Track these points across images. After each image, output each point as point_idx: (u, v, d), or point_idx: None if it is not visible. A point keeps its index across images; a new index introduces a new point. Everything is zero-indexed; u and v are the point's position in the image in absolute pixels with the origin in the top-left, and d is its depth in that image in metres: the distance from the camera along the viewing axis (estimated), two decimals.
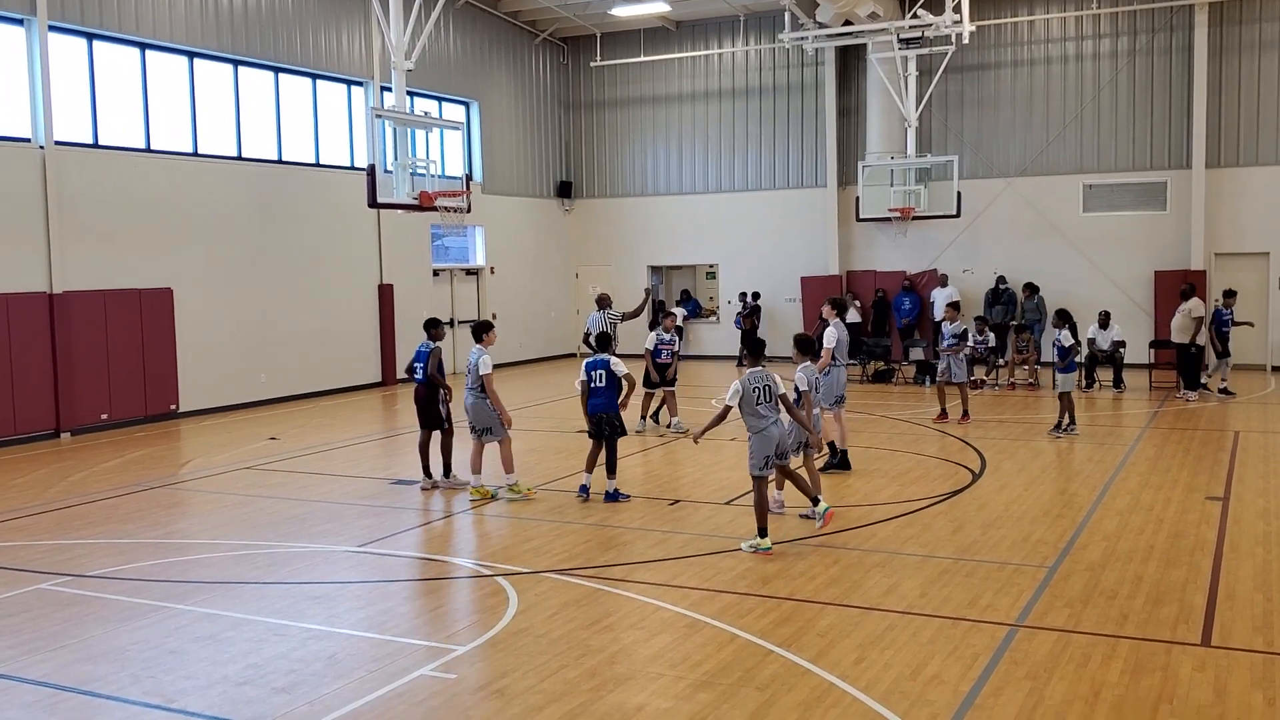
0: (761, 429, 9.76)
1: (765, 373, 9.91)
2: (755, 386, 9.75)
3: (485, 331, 12.63)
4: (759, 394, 9.74)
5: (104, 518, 11.78)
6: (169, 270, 19.19)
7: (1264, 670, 6.84)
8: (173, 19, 19.37)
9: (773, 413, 9.79)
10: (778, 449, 9.85)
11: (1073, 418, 15.87)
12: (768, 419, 9.76)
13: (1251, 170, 23.51)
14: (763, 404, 9.74)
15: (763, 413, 9.75)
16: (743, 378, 9.85)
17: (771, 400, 9.77)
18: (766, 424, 9.75)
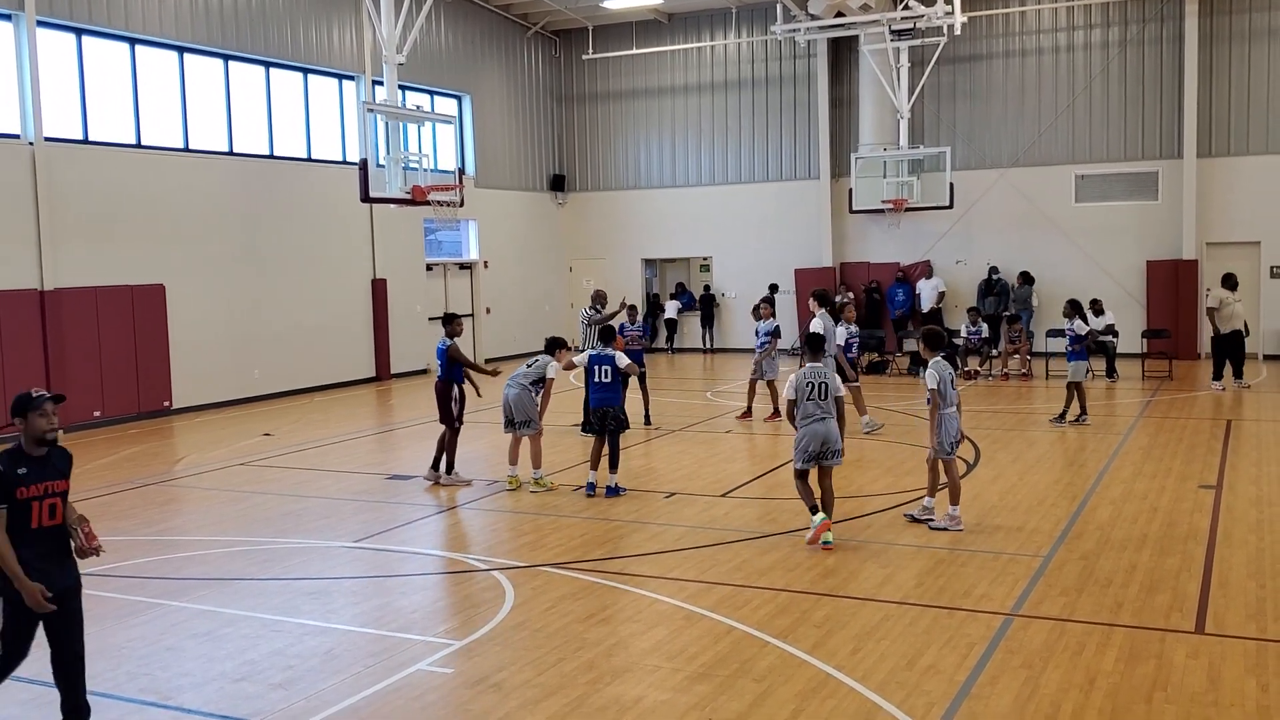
0: (809, 424, 9.72)
1: (822, 369, 9.87)
2: (809, 382, 9.74)
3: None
4: (811, 389, 9.72)
5: (98, 515, 11.68)
6: (161, 266, 19.14)
7: (1257, 657, 6.86)
8: (162, 13, 19.30)
9: (820, 410, 9.72)
10: (823, 446, 9.70)
11: (1084, 408, 15.87)
12: (813, 415, 9.70)
13: (1242, 159, 23.56)
14: (813, 399, 9.69)
15: (810, 409, 9.70)
16: (798, 372, 9.88)
17: (825, 397, 9.72)
18: (812, 420, 9.70)
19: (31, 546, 5.50)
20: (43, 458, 5.60)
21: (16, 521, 5.46)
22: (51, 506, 5.57)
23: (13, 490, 5.43)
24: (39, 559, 5.52)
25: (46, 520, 5.56)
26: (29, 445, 5.58)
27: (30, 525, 5.50)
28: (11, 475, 5.44)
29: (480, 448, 15.01)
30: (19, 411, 5.61)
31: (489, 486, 12.65)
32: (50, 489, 5.56)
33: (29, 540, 5.49)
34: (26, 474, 5.49)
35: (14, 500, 5.43)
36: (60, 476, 5.65)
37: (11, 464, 5.48)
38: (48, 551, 5.59)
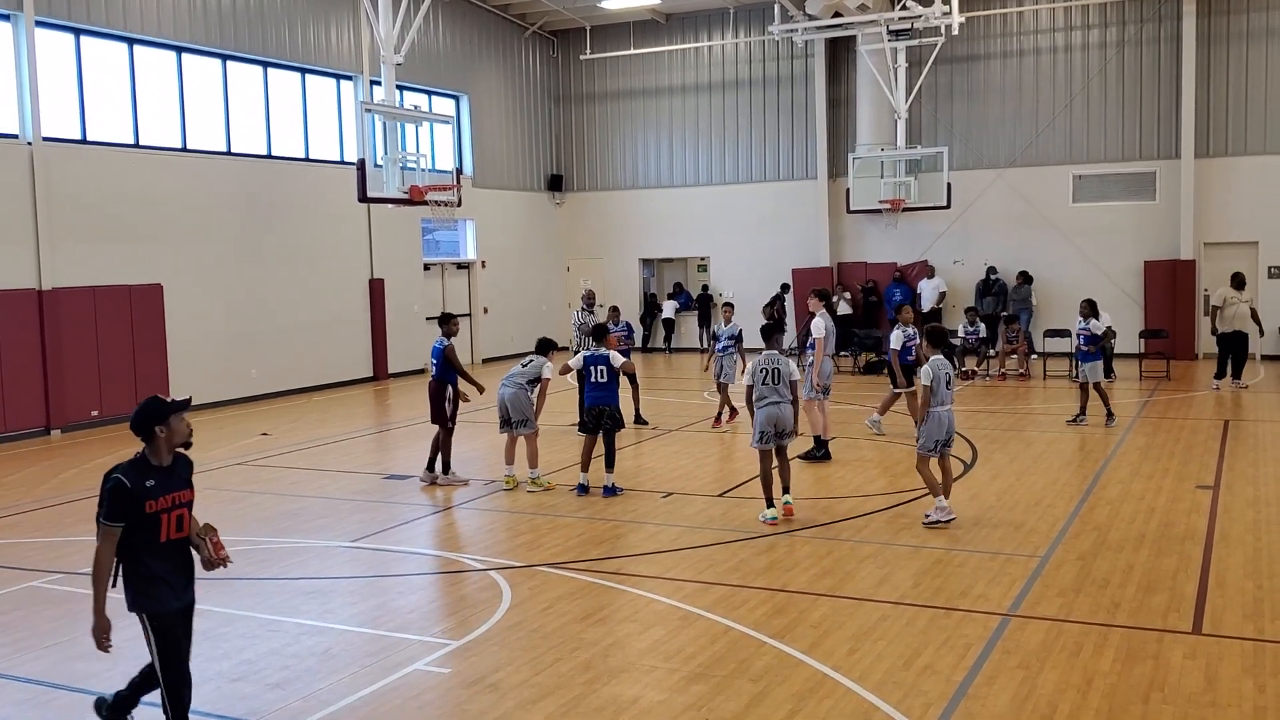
0: (764, 406, 10.41)
1: (777, 356, 10.62)
2: (762, 368, 10.48)
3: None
4: (765, 375, 10.44)
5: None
6: (159, 266, 19.13)
7: (1254, 657, 6.87)
8: (160, 14, 19.29)
9: (775, 394, 10.39)
10: (775, 426, 10.37)
11: (1083, 408, 15.80)
12: (768, 399, 10.40)
13: (1240, 160, 23.57)
14: (767, 384, 10.42)
15: (765, 393, 10.42)
16: (755, 359, 10.70)
17: (779, 382, 10.43)
18: (767, 404, 10.40)
19: (161, 560, 5.33)
20: (168, 467, 5.40)
21: (144, 536, 5.27)
22: (179, 518, 5.40)
23: (142, 505, 5.24)
24: (169, 573, 5.36)
25: (174, 533, 5.39)
26: (156, 454, 5.36)
27: (159, 539, 5.32)
28: (140, 489, 5.24)
29: (477, 448, 15.00)
30: (157, 419, 5.34)
31: (486, 486, 12.65)
32: (177, 500, 5.39)
33: (158, 554, 5.32)
34: (154, 486, 5.29)
35: (143, 515, 5.24)
36: (186, 486, 5.48)
37: (139, 476, 5.28)
38: (176, 565, 5.43)
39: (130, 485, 5.22)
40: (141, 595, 5.32)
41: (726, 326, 16.54)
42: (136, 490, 5.22)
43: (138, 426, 5.34)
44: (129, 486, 5.21)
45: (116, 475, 5.25)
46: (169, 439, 5.35)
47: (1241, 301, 19.22)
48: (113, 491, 5.23)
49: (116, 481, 5.24)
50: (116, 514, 5.22)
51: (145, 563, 5.29)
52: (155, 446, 5.35)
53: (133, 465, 5.31)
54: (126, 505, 5.21)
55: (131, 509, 5.21)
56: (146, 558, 5.29)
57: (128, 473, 5.26)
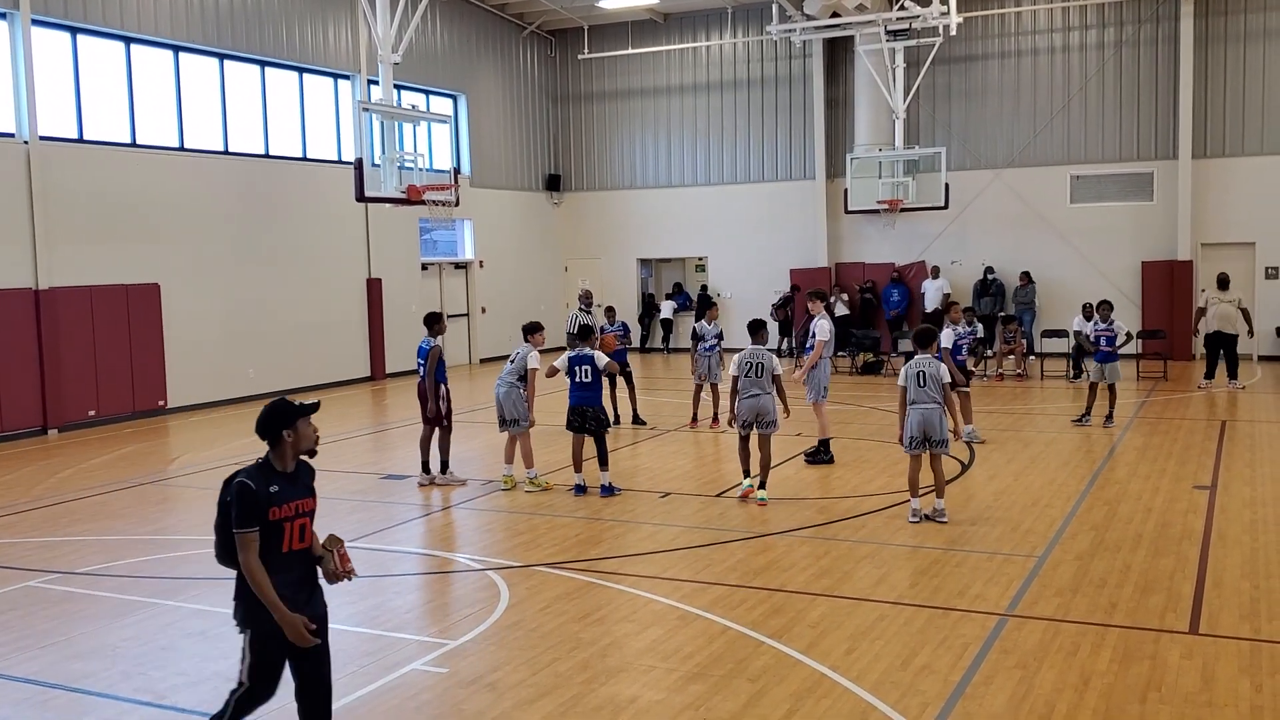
0: (746, 398, 11.25)
1: (760, 351, 11.35)
2: (747, 361, 11.27)
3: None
4: (749, 368, 11.23)
5: (92, 514, 11.75)
6: (156, 266, 19.11)
7: (1251, 657, 6.88)
8: (157, 13, 19.27)
9: (756, 386, 11.21)
10: (757, 416, 11.22)
11: (1089, 409, 15.83)
12: (750, 391, 11.24)
13: (1237, 160, 23.59)
14: (750, 377, 11.22)
15: (748, 385, 11.24)
16: (740, 353, 11.43)
17: (761, 375, 11.19)
18: (749, 395, 11.24)
19: (282, 572, 4.99)
20: (292, 474, 5.10)
21: (266, 545, 4.94)
22: (302, 527, 5.08)
23: (266, 511, 4.92)
24: (290, 586, 5.03)
25: (297, 543, 5.06)
26: (281, 459, 5.07)
27: (281, 549, 4.99)
28: (264, 495, 4.93)
29: (475, 447, 15.00)
30: (285, 423, 5.05)
31: (484, 486, 12.65)
32: (300, 508, 5.07)
33: (280, 565, 4.99)
34: (278, 492, 4.98)
35: (266, 522, 4.92)
36: (309, 493, 5.17)
37: (263, 482, 4.96)
38: (299, 578, 5.10)
39: (255, 489, 4.92)
40: (254, 612, 5.00)
41: (711, 326, 16.29)
42: (261, 495, 4.93)
43: (264, 429, 5.06)
44: (254, 489, 4.92)
45: (241, 479, 4.96)
46: (295, 444, 5.08)
47: (1224, 302, 19.27)
48: (240, 496, 4.92)
49: (242, 485, 4.93)
50: (249, 519, 4.90)
51: (269, 576, 4.98)
52: (280, 451, 5.06)
53: (257, 470, 5.02)
54: (254, 510, 4.91)
55: (257, 514, 4.93)
56: (270, 571, 4.97)
57: (252, 476, 4.96)
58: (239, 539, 4.90)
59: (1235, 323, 19.16)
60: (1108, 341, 15.70)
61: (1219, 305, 19.27)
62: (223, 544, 5.05)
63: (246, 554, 4.90)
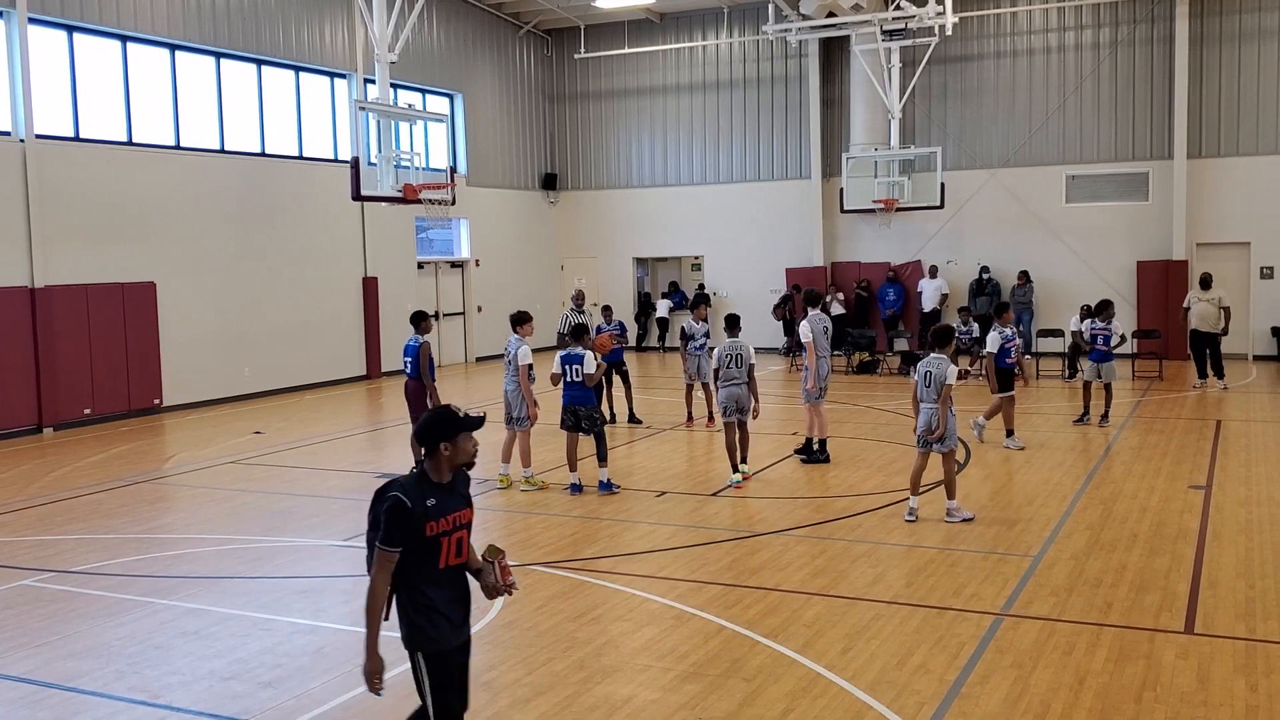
0: (726, 387, 12.19)
1: (738, 343, 12.26)
2: (726, 354, 12.17)
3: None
4: (728, 360, 12.14)
5: (87, 513, 11.73)
6: (152, 264, 19.09)
7: (1246, 657, 6.89)
8: (154, 11, 19.25)
9: (736, 376, 12.13)
10: (737, 404, 12.14)
11: (1088, 408, 15.86)
12: (730, 380, 12.15)
13: (1233, 160, 23.62)
14: (729, 368, 12.13)
15: (729, 375, 12.15)
16: (720, 345, 12.35)
17: (740, 366, 12.12)
18: (729, 385, 12.17)
19: (440, 588, 4.72)
20: (449, 484, 4.76)
21: (423, 562, 4.65)
22: (459, 541, 4.77)
23: (422, 526, 4.60)
24: (447, 603, 4.76)
25: (454, 558, 4.76)
26: (436, 470, 4.73)
27: (438, 564, 4.69)
28: (421, 509, 4.60)
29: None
30: (444, 435, 4.69)
31: (479, 485, 12.64)
32: (458, 521, 4.76)
33: (437, 581, 4.70)
34: (435, 506, 4.65)
35: (423, 538, 4.61)
36: (466, 504, 4.85)
37: (420, 495, 4.63)
38: (456, 594, 4.80)
39: (411, 505, 4.58)
40: (418, 631, 4.73)
41: (700, 324, 16.18)
42: (417, 510, 4.59)
43: (423, 436, 4.73)
44: (409, 506, 4.58)
45: (395, 493, 4.61)
46: (451, 458, 4.73)
47: (1204, 301, 19.29)
48: (392, 511, 4.58)
49: (396, 500, 4.59)
50: (396, 537, 4.58)
51: (424, 592, 4.70)
52: (436, 462, 4.72)
53: (413, 482, 4.68)
54: (406, 527, 4.58)
55: (411, 531, 4.59)
56: (425, 587, 4.70)
57: (408, 490, 4.62)
58: (378, 554, 4.62)
59: (1215, 322, 19.20)
60: (1104, 341, 15.68)
61: (1199, 304, 19.35)
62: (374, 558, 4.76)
63: (379, 571, 4.63)
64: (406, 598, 4.71)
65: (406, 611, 4.73)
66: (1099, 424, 15.62)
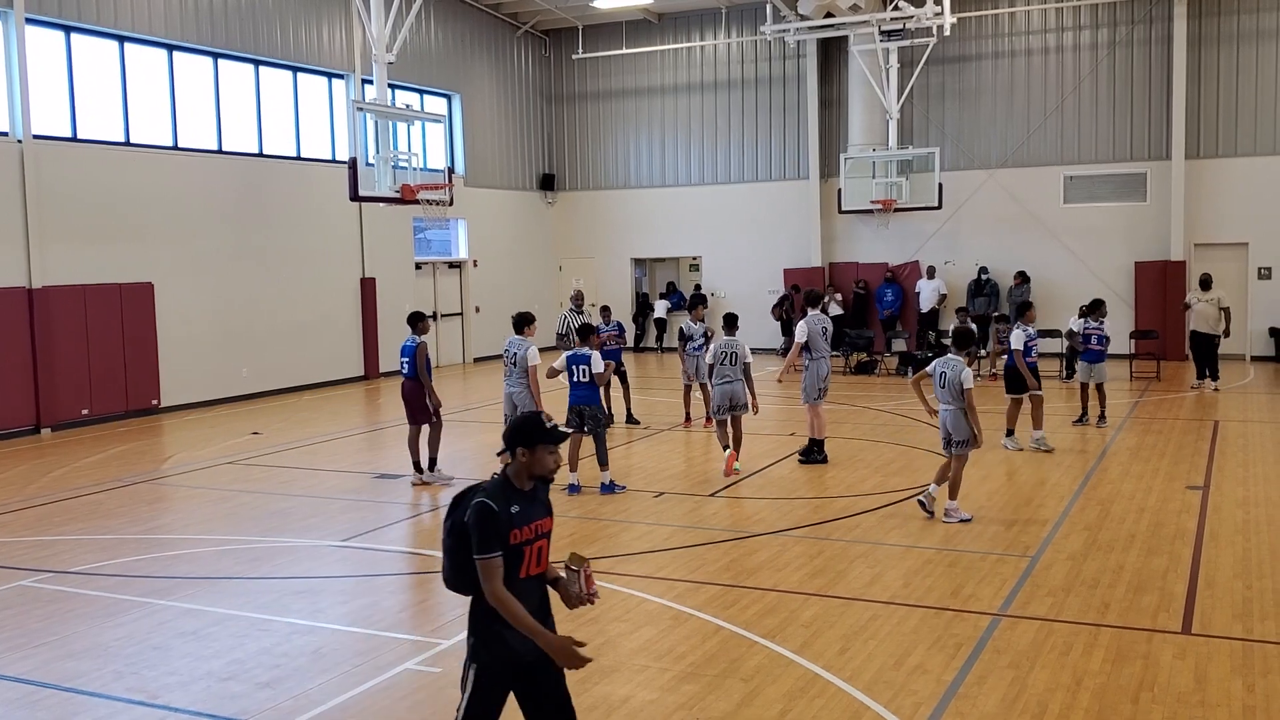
0: (722, 382, 12.60)
1: (734, 341, 12.70)
2: (722, 351, 12.61)
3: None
4: (724, 357, 12.58)
5: (85, 513, 11.72)
6: (149, 265, 19.08)
7: (1243, 657, 6.89)
8: (151, 12, 19.24)
9: (731, 374, 12.56)
10: (730, 401, 12.58)
11: (1086, 409, 15.86)
12: (725, 378, 12.60)
13: (1231, 161, 23.65)
14: (725, 365, 12.59)
15: (724, 372, 12.60)
16: (716, 343, 12.80)
17: (735, 364, 12.57)
18: (725, 382, 12.60)
19: (520, 599, 4.51)
20: (531, 492, 4.61)
21: (505, 570, 4.48)
22: (539, 550, 4.61)
23: (506, 534, 4.44)
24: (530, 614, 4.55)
25: (535, 567, 4.60)
26: (520, 477, 4.58)
27: (518, 575, 4.52)
28: (506, 516, 4.45)
29: (467, 446, 15.00)
30: (523, 442, 4.55)
31: None
32: (539, 529, 4.60)
33: (516, 591, 4.51)
34: (519, 512, 4.50)
35: (506, 546, 4.44)
36: (548, 512, 4.70)
37: (504, 501, 4.48)
38: (535, 606, 4.61)
39: (496, 510, 4.44)
40: (485, 644, 4.55)
41: (698, 325, 16.12)
42: (502, 517, 4.45)
43: (508, 439, 4.61)
44: (495, 510, 4.44)
45: (481, 499, 4.46)
46: (528, 466, 4.57)
47: (1204, 301, 19.29)
48: (480, 517, 4.43)
49: (483, 506, 4.44)
50: (493, 543, 4.42)
51: None
52: (516, 468, 4.58)
53: (497, 487, 4.54)
54: (495, 533, 4.42)
55: (500, 538, 4.45)
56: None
57: (493, 495, 4.48)
58: (482, 566, 4.42)
59: (1214, 323, 19.21)
60: (1098, 340, 15.70)
61: (1199, 305, 19.36)
62: (455, 568, 4.58)
63: (492, 582, 4.42)
64: (483, 608, 4.52)
65: (480, 621, 4.56)
66: (1097, 424, 15.64)
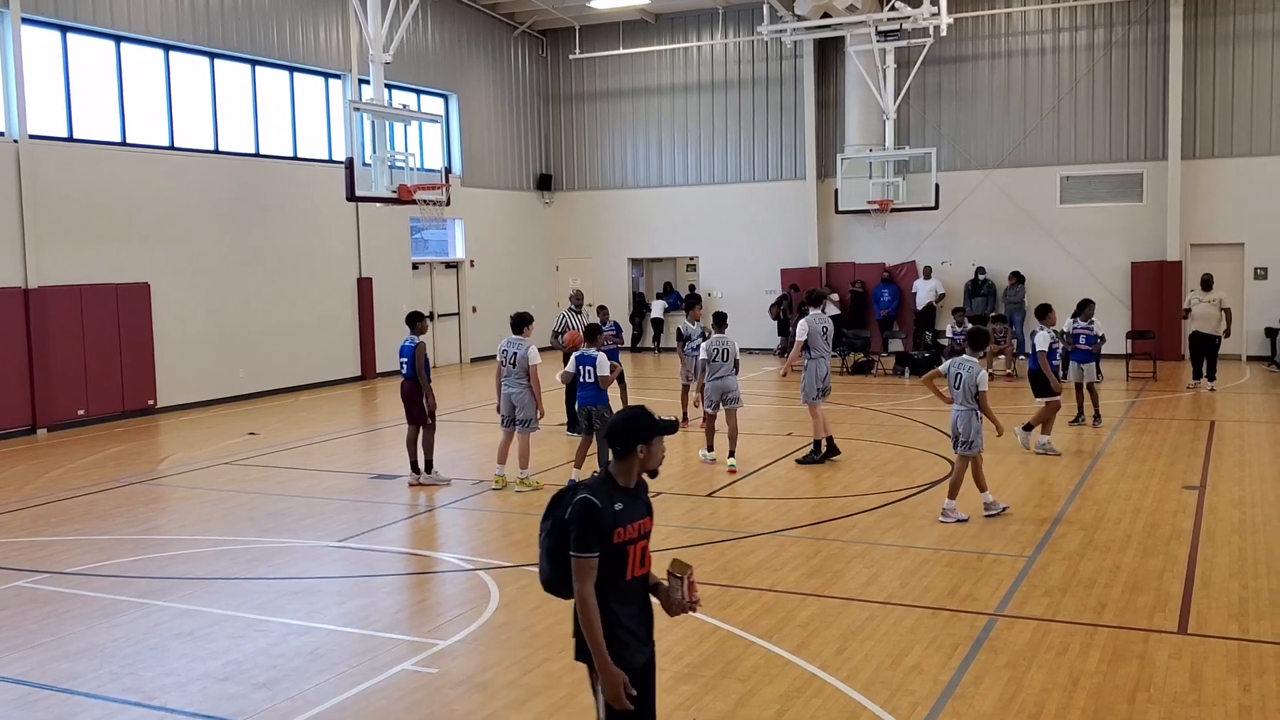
0: (715, 378, 13.08)
1: (724, 338, 13.19)
2: (714, 348, 13.07)
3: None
4: (717, 354, 13.06)
5: (82, 514, 11.71)
6: (146, 265, 19.06)
7: (1239, 657, 6.90)
8: (148, 11, 19.22)
9: (724, 369, 13.07)
10: (723, 395, 13.04)
11: (1082, 409, 15.89)
12: (719, 373, 13.07)
13: (1226, 161, 23.67)
14: (717, 360, 13.04)
15: (717, 368, 13.05)
16: (710, 339, 13.25)
17: (727, 359, 13.08)
18: (718, 376, 13.08)
19: (625, 603, 4.40)
20: (634, 490, 4.45)
21: (609, 572, 4.31)
22: (643, 551, 4.45)
23: (610, 533, 4.27)
24: (634, 619, 4.45)
25: (638, 568, 4.43)
26: (625, 474, 4.41)
27: (624, 576, 4.37)
28: (610, 514, 4.27)
29: (465, 446, 15.00)
30: (642, 437, 4.38)
31: (474, 486, 12.64)
32: (641, 529, 4.43)
33: (622, 595, 4.37)
34: (622, 511, 4.33)
35: (610, 545, 4.27)
36: (649, 511, 4.53)
37: (608, 499, 4.30)
38: (640, 609, 4.49)
39: (601, 508, 4.27)
40: (611, 650, 4.35)
41: (696, 325, 15.90)
42: (607, 515, 4.27)
43: (618, 438, 4.41)
44: (600, 508, 4.26)
45: (585, 495, 4.29)
46: (645, 461, 4.42)
47: (1205, 302, 19.30)
48: (582, 513, 4.25)
49: (586, 502, 4.27)
50: (590, 542, 4.24)
51: (610, 608, 4.34)
52: (627, 465, 4.41)
53: (601, 484, 4.36)
54: (597, 531, 4.25)
55: (602, 537, 4.27)
56: (612, 601, 4.35)
57: (597, 492, 4.31)
58: (577, 564, 4.26)
59: (1215, 324, 19.21)
60: (1087, 340, 15.71)
61: (1200, 305, 19.36)
62: (556, 570, 4.41)
63: (583, 583, 4.27)
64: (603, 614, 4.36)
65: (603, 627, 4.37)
66: (1093, 424, 15.65)
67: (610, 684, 4.27)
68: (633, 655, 4.41)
